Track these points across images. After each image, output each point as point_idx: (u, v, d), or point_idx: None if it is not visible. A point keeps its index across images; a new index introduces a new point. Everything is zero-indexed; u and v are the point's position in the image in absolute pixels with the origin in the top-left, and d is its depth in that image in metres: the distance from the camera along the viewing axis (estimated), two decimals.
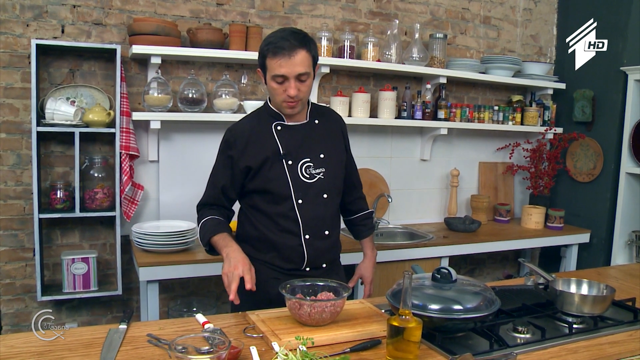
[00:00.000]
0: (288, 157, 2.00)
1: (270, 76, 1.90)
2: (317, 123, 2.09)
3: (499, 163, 4.22)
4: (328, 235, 2.07)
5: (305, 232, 2.01)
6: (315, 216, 2.02)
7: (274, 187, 1.98)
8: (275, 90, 1.92)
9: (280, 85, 1.90)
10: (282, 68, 1.85)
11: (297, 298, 1.69)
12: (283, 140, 2.01)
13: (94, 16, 2.98)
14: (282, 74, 1.86)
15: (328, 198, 2.06)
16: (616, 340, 1.74)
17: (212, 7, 3.21)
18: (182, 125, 3.16)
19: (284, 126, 2.03)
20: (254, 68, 3.31)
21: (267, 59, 1.88)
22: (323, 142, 2.08)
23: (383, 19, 3.68)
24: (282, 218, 2.00)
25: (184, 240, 2.84)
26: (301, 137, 2.03)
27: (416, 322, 1.48)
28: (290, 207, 1.99)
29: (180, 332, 1.66)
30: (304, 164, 2.01)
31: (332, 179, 2.07)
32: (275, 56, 1.85)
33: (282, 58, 1.84)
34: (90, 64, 3.00)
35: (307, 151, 2.03)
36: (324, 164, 2.05)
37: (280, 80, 1.88)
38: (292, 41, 1.85)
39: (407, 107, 3.61)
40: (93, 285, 2.89)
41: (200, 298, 3.29)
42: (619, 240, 3.79)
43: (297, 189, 1.99)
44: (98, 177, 2.94)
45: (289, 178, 1.99)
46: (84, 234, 3.08)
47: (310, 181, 2.02)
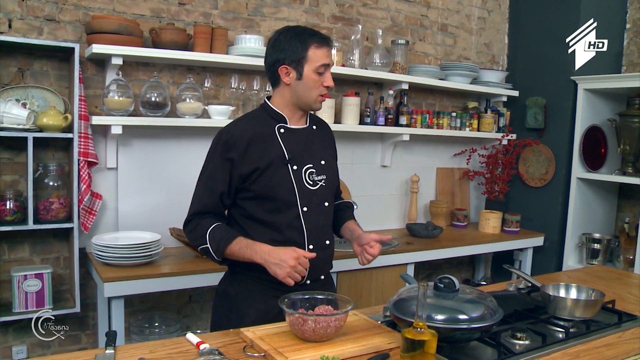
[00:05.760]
0: (293, 161, 1.91)
1: (313, 67, 1.89)
2: (315, 129, 2.03)
3: (455, 169, 4.29)
4: (328, 246, 2.01)
5: (310, 242, 1.93)
6: (318, 225, 1.95)
7: (278, 193, 1.88)
8: (315, 83, 1.91)
9: (320, 78, 1.91)
10: (328, 58, 1.92)
11: (300, 313, 1.60)
12: (287, 144, 1.92)
13: (45, 11, 2.76)
14: (327, 63, 1.91)
15: (328, 206, 2.00)
16: (609, 342, 1.77)
17: (174, 7, 3.06)
18: (143, 131, 2.99)
19: (288, 129, 1.95)
20: (217, 71, 3.19)
21: (312, 49, 1.89)
22: (322, 149, 2.02)
23: (345, 23, 3.65)
24: (285, 227, 1.90)
25: (149, 252, 2.68)
26: (304, 141, 1.97)
27: (431, 335, 1.44)
28: (295, 216, 1.90)
29: (174, 355, 1.54)
30: (307, 169, 1.94)
31: (330, 187, 2.02)
32: (322, 46, 1.90)
33: (328, 48, 1.92)
34: (42, 63, 2.78)
35: (310, 157, 1.96)
36: (325, 171, 1.99)
37: (323, 70, 1.91)
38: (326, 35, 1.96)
39: (370, 113, 3.58)
40: (48, 303, 2.67)
41: (162, 312, 3.12)
42: (571, 242, 3.93)
43: (303, 196, 1.91)
44: (53, 185, 2.72)
45: (294, 184, 1.90)
46: (34, 248, 2.84)
47: (313, 188, 1.95)
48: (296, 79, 1.90)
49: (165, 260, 2.82)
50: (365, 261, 2.01)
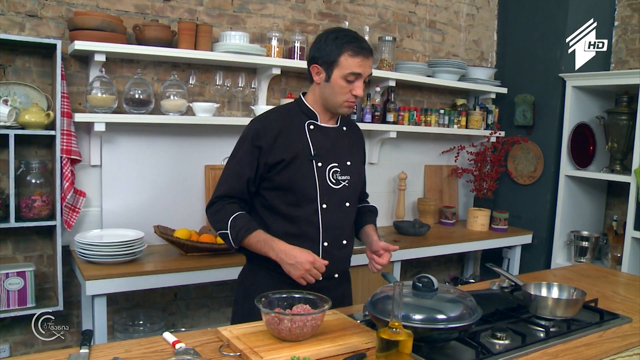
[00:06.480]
0: (318, 158, 1.94)
1: (343, 73, 1.89)
2: (345, 130, 2.06)
3: (443, 166, 4.28)
4: (345, 245, 2.03)
5: (325, 239, 1.95)
6: (336, 224, 1.97)
7: (299, 187, 1.91)
8: (342, 89, 1.90)
9: (348, 85, 1.90)
10: (361, 67, 1.89)
11: (276, 312, 1.59)
12: (315, 141, 1.95)
13: (27, 7, 2.73)
14: (359, 72, 1.89)
15: (350, 207, 2.02)
16: (590, 342, 1.76)
17: (158, 3, 3.03)
18: (127, 128, 2.96)
19: (317, 126, 1.98)
20: (202, 68, 3.17)
21: (345, 56, 1.88)
22: (349, 150, 2.05)
23: (332, 20, 3.63)
24: (302, 222, 1.93)
25: (132, 250, 2.66)
26: (332, 140, 1.99)
27: (407, 335, 1.43)
28: (314, 211, 1.93)
29: (149, 354, 1.53)
30: (331, 168, 1.97)
31: (354, 188, 2.04)
32: (357, 55, 1.88)
33: (364, 59, 1.89)
34: (25, 59, 2.75)
35: (336, 156, 1.99)
36: (350, 172, 2.01)
37: (352, 79, 1.89)
38: (367, 44, 1.92)
39: (357, 110, 3.57)
40: (30, 301, 2.65)
41: (146, 310, 3.11)
42: (559, 240, 3.93)
43: (323, 193, 1.94)
44: (35, 183, 2.69)
45: (316, 180, 1.93)
46: (17, 246, 2.82)
47: (336, 187, 1.97)
48: (324, 80, 1.93)
49: (150, 258, 2.80)
50: (374, 269, 2.05)
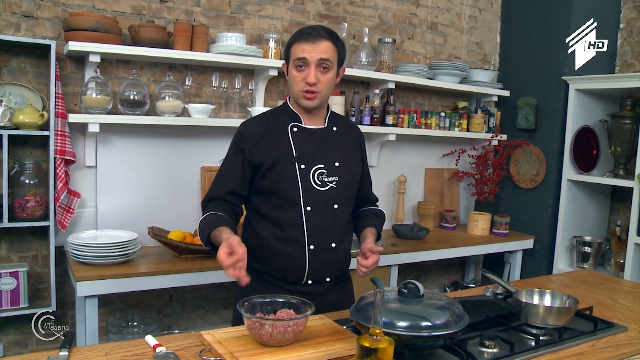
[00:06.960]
0: (300, 160, 1.91)
1: (292, 62, 1.90)
2: (335, 130, 2.02)
3: (444, 169, 4.24)
4: (334, 248, 1.98)
5: (310, 242, 1.92)
6: (322, 226, 1.94)
7: (283, 189, 1.90)
8: (294, 78, 1.90)
9: (300, 73, 1.88)
10: (304, 52, 1.86)
11: (257, 317, 1.57)
12: (297, 143, 1.93)
13: (23, 7, 2.73)
14: (303, 57, 1.86)
15: (339, 209, 1.98)
16: (581, 351, 1.72)
17: (155, 4, 3.03)
18: (122, 129, 2.96)
19: (301, 128, 1.96)
20: (198, 69, 3.16)
21: (292, 46, 1.90)
22: (339, 151, 2.00)
23: (331, 21, 3.61)
24: (287, 225, 1.92)
25: (125, 251, 2.65)
26: (317, 142, 1.96)
27: (388, 342, 1.41)
28: (298, 215, 1.91)
29: (128, 358, 1.51)
30: (316, 170, 1.94)
31: (344, 190, 1.99)
32: (299, 40, 1.87)
33: (306, 43, 1.86)
34: (20, 60, 2.76)
35: (322, 157, 1.95)
36: (338, 173, 1.97)
37: (301, 64, 1.87)
38: (320, 31, 1.88)
39: (355, 113, 3.55)
40: (23, 301, 2.64)
41: (141, 312, 3.10)
42: (561, 245, 3.87)
43: (307, 196, 1.91)
44: (29, 183, 2.69)
45: (299, 183, 1.90)
46: (12, 246, 2.82)
47: (321, 189, 1.94)
48: (287, 75, 1.95)
49: (143, 259, 2.79)
50: (359, 272, 1.96)
